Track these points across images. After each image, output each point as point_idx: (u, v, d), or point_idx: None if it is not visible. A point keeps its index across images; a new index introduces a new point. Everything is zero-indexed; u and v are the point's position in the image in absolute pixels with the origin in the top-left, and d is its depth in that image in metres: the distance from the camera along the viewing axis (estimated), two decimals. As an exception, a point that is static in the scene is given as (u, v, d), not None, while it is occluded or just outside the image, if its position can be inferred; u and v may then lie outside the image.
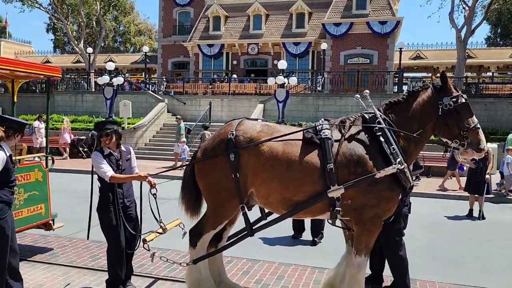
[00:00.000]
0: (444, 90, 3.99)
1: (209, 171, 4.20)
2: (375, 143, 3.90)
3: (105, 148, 4.67)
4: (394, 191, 3.87)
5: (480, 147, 3.93)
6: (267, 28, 30.77)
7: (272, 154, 3.97)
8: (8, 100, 23.74)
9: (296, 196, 3.93)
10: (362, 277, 4.05)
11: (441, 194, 12.42)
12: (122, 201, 4.67)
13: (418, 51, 32.25)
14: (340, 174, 3.82)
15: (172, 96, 24.93)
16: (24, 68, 5.70)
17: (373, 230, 3.96)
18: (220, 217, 4.26)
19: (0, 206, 4.05)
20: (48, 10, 35.05)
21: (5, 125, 4.24)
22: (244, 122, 4.27)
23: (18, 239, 6.48)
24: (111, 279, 4.70)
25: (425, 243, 7.56)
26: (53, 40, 54.69)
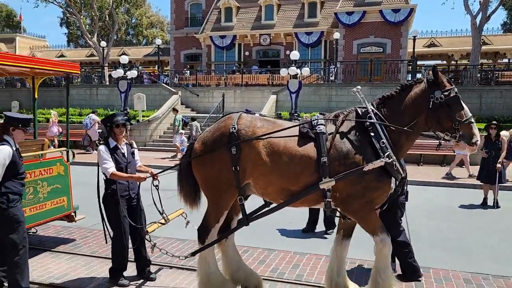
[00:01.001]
0: (436, 83, 4.04)
1: (209, 163, 4.32)
2: (366, 137, 4.05)
3: (111, 141, 4.86)
4: (382, 181, 4.01)
5: (472, 140, 3.97)
6: (279, 18, 30.64)
7: (272, 148, 4.14)
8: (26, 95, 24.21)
9: (295, 186, 4.11)
10: (389, 252, 4.20)
11: (455, 183, 12.38)
12: (128, 193, 4.89)
13: (432, 38, 31.79)
14: (332, 166, 4.00)
15: (185, 88, 25.10)
16: (44, 65, 5.89)
17: (367, 214, 4.11)
18: (220, 209, 4.42)
19: (12, 197, 4.35)
20: (62, 4, 35.39)
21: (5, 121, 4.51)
22: (244, 116, 4.41)
23: (41, 230, 6.80)
24: (115, 267, 4.94)
25: (438, 232, 7.61)
26: (67, 34, 55.24)
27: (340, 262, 4.45)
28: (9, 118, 4.56)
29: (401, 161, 4.80)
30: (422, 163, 15.88)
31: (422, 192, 11.39)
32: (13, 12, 52.79)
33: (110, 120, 4.90)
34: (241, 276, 4.73)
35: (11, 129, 4.49)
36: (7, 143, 4.37)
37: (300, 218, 7.51)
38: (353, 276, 5.24)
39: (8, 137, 4.44)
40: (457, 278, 5.32)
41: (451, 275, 5.42)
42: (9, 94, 27.74)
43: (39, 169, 5.79)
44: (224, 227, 4.62)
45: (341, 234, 4.47)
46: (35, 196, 5.69)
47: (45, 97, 25.73)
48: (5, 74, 6.67)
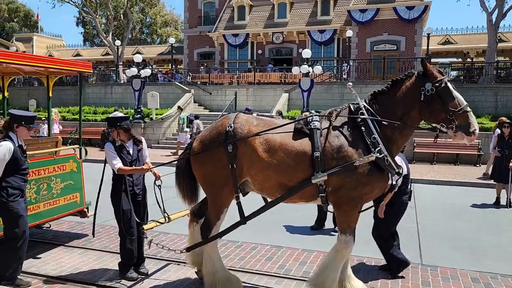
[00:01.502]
0: (426, 75, 4.02)
1: (206, 161, 4.44)
2: (358, 132, 4.10)
3: (117, 140, 5.04)
4: (372, 176, 4.05)
5: (470, 130, 3.89)
6: (291, 17, 30.59)
7: (268, 144, 4.25)
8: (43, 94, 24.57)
9: (291, 181, 4.20)
10: (347, 254, 4.29)
11: (469, 182, 12.25)
12: (132, 189, 5.04)
13: (447, 35, 31.36)
14: (326, 161, 4.07)
15: (198, 86, 25.27)
16: (58, 65, 6.05)
17: (351, 211, 4.17)
18: (219, 206, 4.53)
19: (11, 191, 4.57)
20: (78, 4, 35.90)
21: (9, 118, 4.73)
22: (241, 116, 4.53)
23: (55, 225, 6.98)
24: (123, 262, 5.09)
25: (448, 231, 7.57)
26: (83, 34, 56.02)
27: None
28: (13, 116, 4.76)
29: (402, 158, 4.84)
30: (435, 162, 15.74)
31: (435, 191, 11.32)
32: (31, 12, 53.73)
33: (117, 122, 5.03)
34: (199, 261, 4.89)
35: (15, 126, 4.68)
36: (10, 140, 4.59)
37: (309, 216, 7.56)
38: (360, 273, 5.29)
39: (12, 134, 4.66)
40: (464, 277, 5.31)
41: (459, 274, 5.40)
42: (27, 93, 28.28)
43: (53, 166, 5.95)
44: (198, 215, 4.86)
45: None
46: (49, 192, 5.86)
47: (61, 96, 26.18)
48: (21, 73, 6.87)
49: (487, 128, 16.34)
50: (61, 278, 5.04)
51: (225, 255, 5.88)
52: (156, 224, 5.03)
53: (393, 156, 4.12)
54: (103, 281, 4.97)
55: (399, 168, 4.20)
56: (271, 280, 5.08)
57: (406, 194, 5.36)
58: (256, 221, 7.76)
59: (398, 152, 4.34)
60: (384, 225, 5.31)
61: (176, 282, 5.03)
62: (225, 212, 4.58)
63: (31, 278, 4.98)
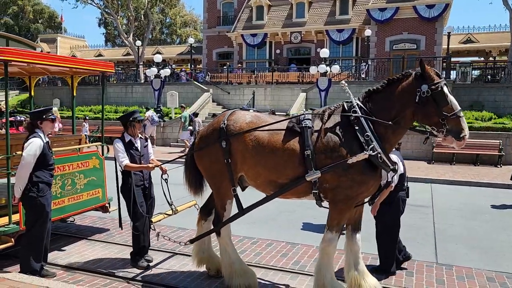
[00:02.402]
0: (423, 77, 3.99)
1: (205, 156, 4.72)
2: (351, 130, 4.12)
3: (127, 136, 5.33)
4: (367, 175, 4.09)
5: (460, 135, 3.88)
6: (310, 16, 30.55)
7: (258, 141, 4.38)
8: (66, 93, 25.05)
9: (281, 179, 4.31)
10: (332, 251, 4.35)
11: (489, 183, 12.08)
12: (143, 183, 5.35)
13: (469, 34, 30.83)
14: (318, 159, 4.13)
15: (216, 86, 25.51)
16: (82, 65, 6.29)
17: (344, 210, 4.23)
18: (222, 197, 4.74)
19: (41, 186, 4.81)
20: (100, 5, 36.62)
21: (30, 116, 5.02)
22: (236, 113, 4.73)
23: (79, 220, 7.23)
24: (135, 251, 5.41)
25: (465, 231, 7.54)
26: (105, 34, 57.04)
27: (355, 256, 4.54)
28: (32, 114, 5.01)
29: (398, 156, 4.92)
30: (455, 162, 15.56)
31: (453, 191, 11.23)
32: (55, 14, 55.02)
33: (131, 116, 5.35)
34: (205, 257, 5.13)
35: (39, 122, 4.91)
36: (39, 136, 4.82)
37: (324, 214, 7.62)
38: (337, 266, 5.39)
39: (38, 130, 4.88)
40: (480, 276, 5.32)
41: (474, 273, 5.42)
42: (51, 92, 29.05)
43: (77, 162, 6.19)
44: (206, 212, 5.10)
45: (350, 229, 4.59)
46: (73, 187, 6.10)
47: (83, 95, 26.78)
48: (47, 73, 7.14)
49: (509, 128, 16.08)
50: (85, 269, 5.26)
51: (241, 250, 6.02)
52: (164, 217, 5.38)
53: (387, 154, 4.14)
54: (114, 270, 5.23)
55: (394, 165, 4.22)
56: (286, 276, 5.19)
57: (403, 191, 5.40)
58: (273, 219, 7.92)
59: (391, 150, 4.37)
60: (386, 223, 5.34)
61: (179, 272, 5.27)
62: (230, 203, 4.77)
63: (56, 269, 5.22)
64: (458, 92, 20.49)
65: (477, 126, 16.58)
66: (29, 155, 4.67)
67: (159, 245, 6.04)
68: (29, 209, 4.79)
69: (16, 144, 5.66)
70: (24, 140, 4.83)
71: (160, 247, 6.02)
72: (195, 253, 5.16)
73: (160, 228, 6.35)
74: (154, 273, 5.22)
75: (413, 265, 5.64)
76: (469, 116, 17.70)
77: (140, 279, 5.03)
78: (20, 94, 31.64)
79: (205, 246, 5.15)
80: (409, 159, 15.70)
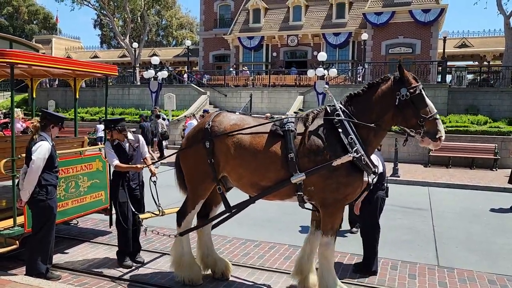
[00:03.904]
0: (402, 81, 4.15)
1: (189, 156, 4.82)
2: (335, 133, 4.22)
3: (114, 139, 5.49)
4: (352, 177, 4.18)
5: (436, 136, 4.07)
6: (306, 19, 30.69)
7: (240, 143, 4.47)
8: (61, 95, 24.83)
9: (263, 181, 4.39)
10: (330, 254, 4.44)
11: (486, 187, 12.20)
12: (128, 183, 5.48)
13: (463, 39, 31.08)
14: (301, 162, 4.21)
15: (213, 88, 25.53)
16: (85, 67, 6.28)
17: (336, 213, 4.33)
18: (197, 197, 4.85)
19: (50, 189, 4.85)
20: (96, 7, 36.54)
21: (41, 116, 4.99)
22: (221, 114, 4.85)
23: (81, 222, 7.22)
24: (120, 250, 5.51)
25: (464, 234, 7.61)
26: (100, 36, 56.88)
27: (312, 249, 4.71)
28: (52, 116, 4.99)
29: (378, 156, 5.07)
30: (451, 166, 15.69)
31: (450, 194, 11.33)
32: (50, 15, 54.74)
33: (112, 124, 5.48)
34: (210, 261, 5.17)
35: (51, 126, 4.91)
36: (46, 139, 4.83)
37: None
38: (340, 268, 5.54)
39: (45, 133, 4.87)
40: (481, 279, 5.38)
41: (476, 276, 5.48)
42: (46, 94, 28.89)
43: (80, 165, 6.19)
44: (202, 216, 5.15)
45: (314, 225, 4.73)
46: (77, 190, 6.09)
47: (80, 97, 26.49)
48: (49, 75, 7.15)
49: (504, 132, 16.24)
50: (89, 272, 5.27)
51: (245, 253, 6.06)
52: (151, 215, 5.44)
53: (369, 156, 4.26)
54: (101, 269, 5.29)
55: (375, 168, 4.35)
56: (290, 278, 5.21)
57: (382, 191, 5.54)
58: (275, 222, 7.96)
59: (372, 152, 4.48)
60: (367, 221, 5.54)
61: (167, 272, 5.32)
62: (201, 203, 4.91)
63: (60, 271, 5.22)
64: (454, 96, 20.68)
65: (472, 130, 16.73)
66: (39, 158, 4.67)
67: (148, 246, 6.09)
68: (37, 212, 4.79)
69: (20, 146, 5.65)
70: (32, 143, 4.79)
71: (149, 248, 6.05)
72: (200, 258, 5.19)
73: None
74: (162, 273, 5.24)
75: (415, 268, 5.71)
76: (464, 120, 17.87)
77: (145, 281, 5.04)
78: (16, 95, 31.42)
79: (208, 251, 5.19)
80: (406, 162, 15.84)
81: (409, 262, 5.92)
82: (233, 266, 5.53)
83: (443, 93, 20.07)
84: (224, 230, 6.84)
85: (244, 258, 5.86)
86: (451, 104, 20.20)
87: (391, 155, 13.62)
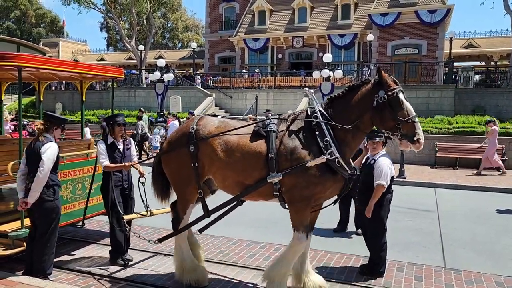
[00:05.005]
0: (381, 83, 4.17)
1: (173, 160, 4.83)
2: (312, 135, 4.28)
3: (109, 138, 5.52)
4: (324, 177, 4.22)
5: (414, 138, 4.06)
6: (312, 21, 30.69)
7: (226, 145, 4.54)
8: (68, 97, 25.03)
9: (247, 180, 4.46)
10: (299, 249, 4.49)
11: (494, 188, 12.10)
12: (121, 184, 5.53)
13: (470, 39, 30.95)
14: (280, 162, 4.28)
15: (219, 90, 25.60)
16: (92, 70, 6.34)
17: (303, 209, 4.37)
18: (185, 201, 4.90)
19: (56, 189, 4.91)
20: (102, 10, 36.78)
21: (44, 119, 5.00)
22: (204, 118, 4.91)
23: (87, 224, 7.25)
24: (113, 250, 5.57)
25: (471, 235, 7.56)
26: (106, 38, 57.24)
27: (302, 255, 4.70)
28: (55, 118, 5.03)
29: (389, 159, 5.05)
30: (458, 167, 15.59)
31: (457, 196, 11.25)
32: (57, 18, 55.25)
33: (113, 119, 5.51)
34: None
35: (55, 128, 4.95)
36: (51, 140, 4.88)
37: (331, 218, 7.67)
38: (346, 270, 5.58)
39: (49, 135, 4.91)
40: (489, 281, 5.34)
41: (483, 278, 5.44)
42: (53, 96, 29.11)
43: (87, 167, 6.23)
44: None
45: None
46: (83, 192, 6.13)
47: (86, 99, 26.63)
48: (56, 78, 7.19)
49: (511, 133, 16.10)
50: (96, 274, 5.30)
51: (250, 255, 6.06)
52: (137, 216, 5.53)
53: (346, 158, 4.29)
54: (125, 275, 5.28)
55: (353, 170, 4.40)
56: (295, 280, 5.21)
57: (390, 193, 5.56)
58: (281, 224, 7.95)
59: (352, 154, 4.50)
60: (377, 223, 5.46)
61: (157, 271, 5.41)
62: (191, 207, 4.94)
63: (67, 273, 5.25)
64: (461, 96, 20.56)
65: (479, 130, 16.60)
66: (49, 159, 4.71)
67: (140, 245, 6.09)
68: (46, 212, 4.80)
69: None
70: (38, 145, 4.82)
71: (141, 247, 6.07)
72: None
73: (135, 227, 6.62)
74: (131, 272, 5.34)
75: (421, 270, 5.67)
76: (471, 121, 17.74)
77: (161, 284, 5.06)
78: (23, 98, 31.67)
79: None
80: (412, 163, 15.75)
81: (415, 264, 5.88)
82: (239, 268, 5.57)
83: (449, 94, 19.97)
84: (230, 232, 6.94)
85: (249, 260, 5.86)
86: (458, 105, 20.09)
87: (397, 156, 13.55)
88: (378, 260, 5.45)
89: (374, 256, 5.48)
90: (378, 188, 5.28)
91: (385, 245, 5.52)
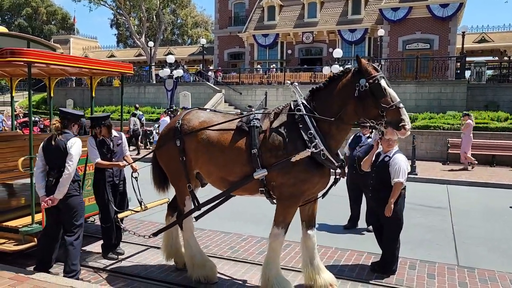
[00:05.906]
0: (361, 72, 4.04)
1: (164, 154, 4.97)
2: (296, 129, 4.19)
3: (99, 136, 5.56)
4: (311, 173, 4.15)
5: (399, 125, 3.89)
6: (322, 16, 30.46)
7: (209, 140, 4.53)
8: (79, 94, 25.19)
9: (230, 176, 4.43)
10: (279, 246, 4.46)
11: (507, 185, 11.89)
12: (112, 180, 5.60)
13: (483, 34, 30.47)
14: (264, 158, 4.22)
15: (228, 86, 25.55)
16: (102, 66, 6.33)
17: (290, 207, 4.33)
18: (181, 194, 4.95)
19: (80, 184, 4.98)
20: (112, 6, 36.91)
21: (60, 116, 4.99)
22: (191, 112, 4.90)
23: (97, 220, 7.25)
24: (105, 244, 5.67)
25: (485, 233, 7.44)
26: (116, 35, 57.50)
27: (310, 252, 4.66)
28: (71, 115, 5.01)
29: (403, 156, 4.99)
30: (495, 164, 15.15)
31: (470, 192, 11.09)
32: (68, 15, 55.61)
33: (97, 121, 5.55)
34: (172, 252, 5.37)
35: (72, 124, 4.94)
36: (74, 136, 4.90)
37: (342, 215, 7.60)
38: (357, 267, 5.52)
39: (69, 131, 4.89)
40: (503, 279, 5.25)
41: (497, 276, 5.35)
42: (65, 93, 29.33)
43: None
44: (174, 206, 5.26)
45: (304, 226, 4.72)
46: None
47: (96, 95, 26.82)
48: (66, 74, 7.21)
49: (525, 129, 15.82)
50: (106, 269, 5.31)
51: (260, 251, 6.03)
52: (131, 213, 5.63)
53: (332, 151, 4.18)
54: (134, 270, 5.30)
55: (340, 162, 4.32)
56: (298, 274, 5.16)
57: (404, 190, 5.45)
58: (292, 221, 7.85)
59: (338, 147, 4.37)
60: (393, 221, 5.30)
61: (151, 264, 5.51)
62: (189, 199, 4.94)
63: (78, 268, 5.26)
64: (473, 92, 20.26)
65: (493, 126, 16.35)
66: (77, 154, 4.74)
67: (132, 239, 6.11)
68: (74, 207, 4.77)
69: (38, 145, 5.70)
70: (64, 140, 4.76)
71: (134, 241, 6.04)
72: (164, 247, 5.37)
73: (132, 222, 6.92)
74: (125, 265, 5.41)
75: (434, 268, 5.59)
76: (484, 117, 17.47)
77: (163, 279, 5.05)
78: (34, 95, 32.00)
79: (173, 241, 5.34)
80: (424, 159, 15.58)
81: (428, 262, 5.79)
82: (249, 264, 5.53)
83: (462, 89, 19.69)
84: (241, 229, 6.91)
85: (259, 256, 5.83)
86: (470, 101, 19.80)
87: (408, 153, 13.37)
88: (391, 258, 5.37)
89: (388, 254, 5.38)
90: (397, 185, 5.17)
91: (399, 243, 5.44)
